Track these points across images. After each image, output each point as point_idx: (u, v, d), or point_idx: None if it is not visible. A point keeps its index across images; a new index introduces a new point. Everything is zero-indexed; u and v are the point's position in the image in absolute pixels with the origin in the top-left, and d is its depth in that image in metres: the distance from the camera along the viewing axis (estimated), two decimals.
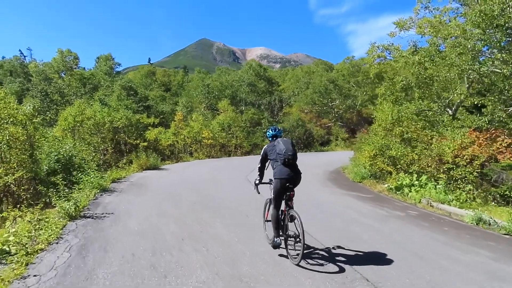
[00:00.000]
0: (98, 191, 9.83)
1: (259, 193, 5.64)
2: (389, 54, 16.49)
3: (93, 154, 15.67)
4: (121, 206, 8.41)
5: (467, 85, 14.61)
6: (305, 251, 4.81)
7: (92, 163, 12.54)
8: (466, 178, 10.50)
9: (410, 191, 11.46)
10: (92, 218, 7.22)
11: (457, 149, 11.17)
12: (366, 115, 39.58)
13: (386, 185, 12.76)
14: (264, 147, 5.48)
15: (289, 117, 35.83)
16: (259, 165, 5.56)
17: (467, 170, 10.51)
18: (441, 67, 13.42)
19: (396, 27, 16.31)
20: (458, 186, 10.61)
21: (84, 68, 41.23)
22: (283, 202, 5.16)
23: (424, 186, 11.27)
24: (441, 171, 11.35)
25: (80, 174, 10.15)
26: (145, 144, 20.98)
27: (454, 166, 11.01)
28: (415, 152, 12.54)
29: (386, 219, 8.08)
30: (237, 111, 34.72)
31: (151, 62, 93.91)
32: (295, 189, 5.18)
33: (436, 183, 11.16)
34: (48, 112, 24.50)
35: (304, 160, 24.83)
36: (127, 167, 16.96)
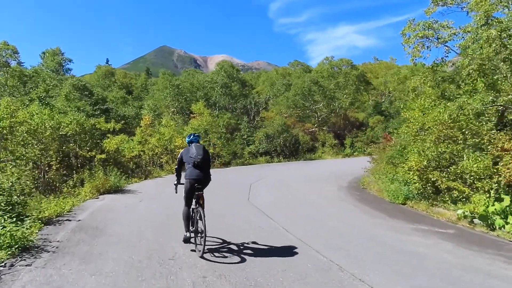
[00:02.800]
0: (7, 255, 5.04)
1: (176, 192, 6.14)
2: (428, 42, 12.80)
3: (25, 173, 10.55)
4: None
5: None
6: (215, 246, 5.84)
7: (15, 189, 7.52)
8: None
9: (508, 223, 7.79)
10: None
11: None
12: (354, 119, 36.50)
13: (459, 212, 8.91)
14: (181, 151, 6.11)
15: (272, 122, 31.82)
16: (176, 167, 6.18)
17: None
18: None
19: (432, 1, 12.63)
20: None
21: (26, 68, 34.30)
22: (194, 201, 5.67)
23: None
24: None
25: None
26: (103, 156, 16.00)
27: None
28: (504, 163, 8.83)
29: None
30: (214, 115, 30.23)
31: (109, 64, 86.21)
32: None
33: None
34: None
35: (302, 172, 20.84)
36: (76, 190, 12.04)
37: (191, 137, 6.14)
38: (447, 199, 10.16)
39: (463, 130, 10.26)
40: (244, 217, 8.69)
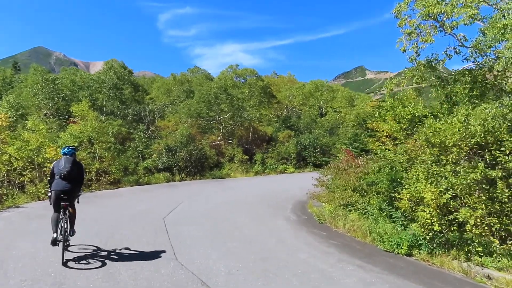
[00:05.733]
0: None
1: (51, 204, 6.04)
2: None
3: None
4: None
5: None
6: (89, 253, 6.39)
7: None
8: None
9: None
10: None
11: None
12: (263, 132, 33.41)
13: None
14: (53, 163, 6.28)
15: (174, 132, 26.23)
16: (49, 178, 6.23)
17: None
18: None
19: None
20: None
21: None
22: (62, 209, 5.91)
23: None
24: None
25: None
26: None
27: None
28: None
29: None
30: (104, 120, 23.23)
31: None
32: None
33: None
34: None
35: (226, 197, 14.88)
36: None
37: (65, 149, 6.33)
38: (479, 248, 6.90)
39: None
40: None
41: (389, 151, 9.82)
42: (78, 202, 6.59)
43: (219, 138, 32.94)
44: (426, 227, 7.40)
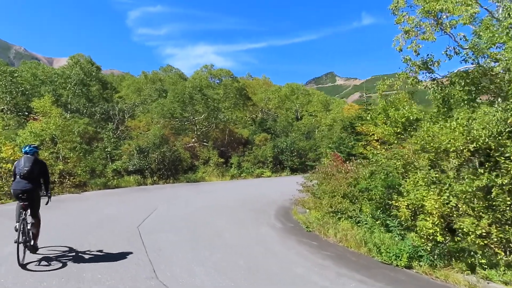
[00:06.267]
0: None
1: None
2: None
3: None
4: None
5: None
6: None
7: None
8: None
9: None
10: None
11: None
12: (239, 135, 32.62)
13: None
14: (15, 162, 6.11)
15: (146, 133, 24.91)
16: (13, 178, 6.02)
17: None
18: None
19: None
20: None
21: None
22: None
23: None
24: None
25: None
26: None
27: None
28: None
29: None
30: (69, 118, 21.59)
31: None
32: None
33: None
34: None
35: (205, 200, 13.85)
36: None
37: (26, 148, 6.14)
38: (482, 260, 6.51)
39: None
40: None
41: (381, 155, 9.34)
42: (46, 204, 6.26)
43: (193, 140, 31.81)
44: (428, 237, 6.93)
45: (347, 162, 10.99)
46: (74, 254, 6.54)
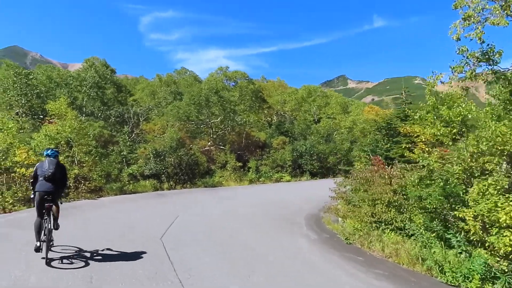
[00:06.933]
0: None
1: (33, 205, 6.40)
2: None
3: None
4: None
5: None
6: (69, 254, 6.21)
7: None
8: None
9: None
10: None
11: None
12: (256, 138, 31.72)
13: None
14: (37, 164, 6.31)
15: (163, 136, 24.22)
16: (32, 180, 6.18)
17: None
18: None
19: None
20: None
21: None
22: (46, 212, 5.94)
23: None
24: None
25: None
26: None
27: None
28: None
29: None
30: (85, 121, 21.02)
31: None
32: None
33: None
34: None
35: (230, 206, 12.21)
36: None
37: (48, 151, 6.41)
38: None
39: None
40: None
41: (432, 159, 8.27)
42: (61, 203, 6.52)
43: (209, 143, 31.06)
44: (505, 255, 5.86)
45: (388, 166, 9.94)
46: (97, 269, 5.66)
